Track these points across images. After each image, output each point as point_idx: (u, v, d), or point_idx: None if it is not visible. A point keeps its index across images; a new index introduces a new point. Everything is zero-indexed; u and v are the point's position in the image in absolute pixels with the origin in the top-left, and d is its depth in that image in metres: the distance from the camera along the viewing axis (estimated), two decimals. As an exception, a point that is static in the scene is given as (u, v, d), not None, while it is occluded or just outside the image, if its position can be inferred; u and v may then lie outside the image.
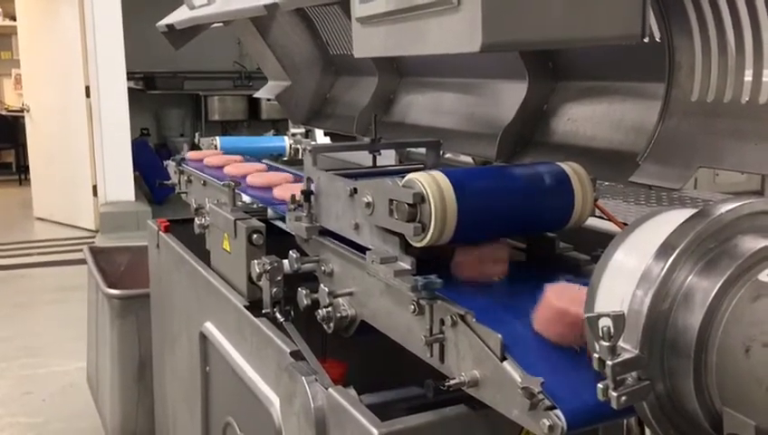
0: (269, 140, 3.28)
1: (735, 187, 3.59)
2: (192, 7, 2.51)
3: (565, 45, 1.25)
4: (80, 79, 7.41)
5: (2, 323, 4.99)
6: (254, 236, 1.68)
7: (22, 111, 8.67)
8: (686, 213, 0.88)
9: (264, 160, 2.59)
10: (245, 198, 2.00)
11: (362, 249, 1.31)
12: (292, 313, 1.54)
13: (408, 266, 1.18)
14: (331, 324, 1.38)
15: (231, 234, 1.77)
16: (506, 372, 0.97)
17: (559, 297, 1.04)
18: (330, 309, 1.38)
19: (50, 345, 4.53)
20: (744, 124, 1.20)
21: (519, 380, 0.94)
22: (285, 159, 2.96)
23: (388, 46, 1.16)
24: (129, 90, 7.67)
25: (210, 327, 1.88)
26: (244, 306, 1.68)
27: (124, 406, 2.90)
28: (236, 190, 1.93)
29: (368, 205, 1.25)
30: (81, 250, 3.84)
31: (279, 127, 9.66)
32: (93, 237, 7.19)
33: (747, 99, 1.19)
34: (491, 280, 1.25)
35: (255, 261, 1.59)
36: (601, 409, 0.85)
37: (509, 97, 1.77)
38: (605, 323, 0.79)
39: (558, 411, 0.90)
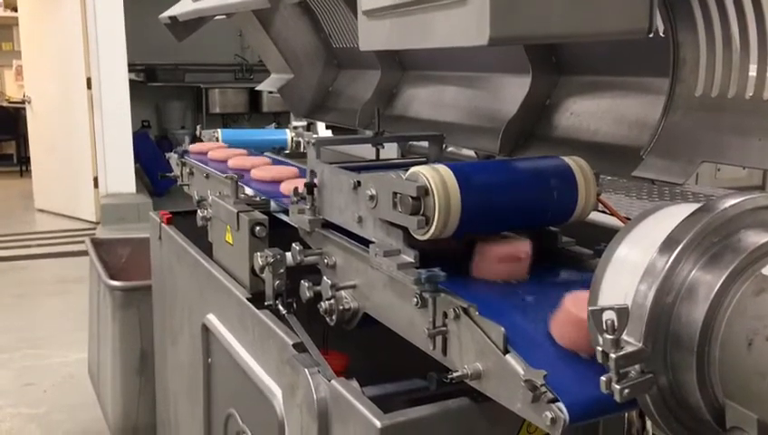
0: (271, 133, 3.28)
1: (737, 182, 3.58)
2: (195, -1, 2.51)
3: (572, 39, 1.25)
4: (81, 70, 7.41)
5: (3, 315, 5.00)
6: (257, 228, 1.68)
7: (23, 102, 8.67)
8: (690, 208, 0.88)
9: (266, 153, 2.59)
10: (248, 191, 2.00)
11: (365, 242, 1.31)
12: (295, 305, 1.55)
13: (411, 259, 1.18)
14: (334, 317, 1.38)
15: (234, 226, 1.78)
16: (509, 365, 0.97)
17: (576, 305, 1.02)
18: (332, 301, 1.38)
19: (50, 337, 4.54)
20: (748, 119, 1.20)
21: (522, 372, 0.94)
22: (287, 151, 2.96)
23: (394, 40, 1.16)
24: (131, 82, 7.67)
25: (212, 319, 1.89)
26: (247, 298, 1.68)
27: (126, 397, 2.91)
28: (239, 183, 1.93)
29: (371, 198, 1.25)
30: (82, 242, 3.85)
31: (280, 120, 9.65)
32: (94, 229, 7.20)
33: (751, 94, 1.20)
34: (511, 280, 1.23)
35: (258, 253, 1.59)
36: (604, 402, 0.85)
37: (512, 91, 1.77)
38: (609, 316, 0.80)
39: (560, 404, 0.90)
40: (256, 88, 3.46)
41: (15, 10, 8.88)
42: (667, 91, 1.34)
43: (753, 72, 1.19)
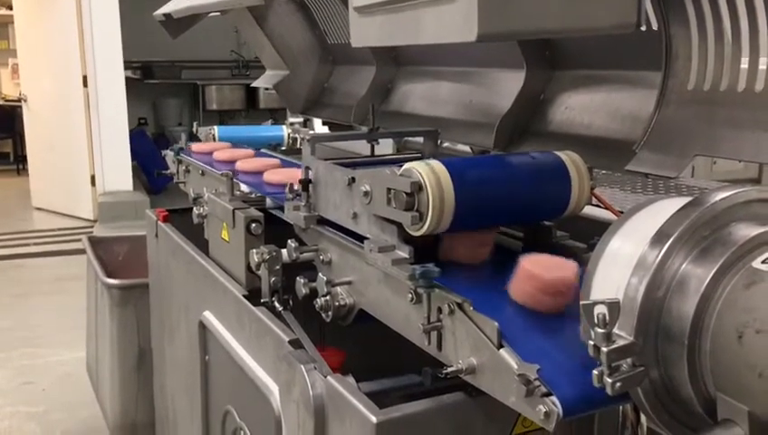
0: (267, 130, 3.28)
1: (733, 175, 3.59)
2: (189, -4, 2.51)
3: (561, 35, 1.25)
4: (77, 68, 7.39)
5: (0, 313, 5.00)
6: (253, 225, 1.69)
7: (19, 100, 8.65)
8: (682, 201, 0.89)
9: (262, 150, 2.59)
10: (244, 188, 2.01)
11: (360, 238, 1.31)
12: (291, 302, 1.55)
13: (405, 255, 1.19)
14: (330, 313, 1.39)
15: (229, 223, 1.78)
16: (503, 360, 0.97)
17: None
18: (328, 298, 1.39)
19: (48, 335, 4.55)
20: (741, 112, 1.20)
21: (515, 367, 0.95)
22: (284, 148, 2.96)
23: (385, 36, 1.16)
24: (127, 79, 7.66)
25: (209, 316, 1.89)
26: (243, 296, 1.68)
27: (124, 395, 2.91)
28: (234, 180, 1.93)
29: (366, 194, 1.26)
30: (79, 240, 3.85)
31: (277, 116, 9.64)
32: (91, 227, 7.20)
33: (743, 87, 1.20)
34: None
35: (254, 250, 1.59)
36: (597, 395, 0.86)
37: (506, 86, 1.77)
38: (600, 310, 0.80)
39: (554, 398, 0.91)
40: (252, 84, 3.46)
41: (11, 8, 8.85)
42: (660, 84, 1.34)
43: (744, 64, 1.19)
